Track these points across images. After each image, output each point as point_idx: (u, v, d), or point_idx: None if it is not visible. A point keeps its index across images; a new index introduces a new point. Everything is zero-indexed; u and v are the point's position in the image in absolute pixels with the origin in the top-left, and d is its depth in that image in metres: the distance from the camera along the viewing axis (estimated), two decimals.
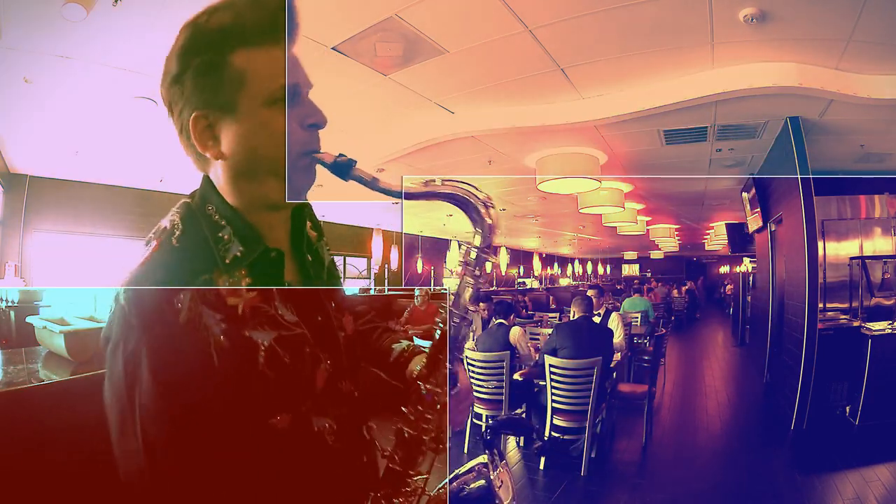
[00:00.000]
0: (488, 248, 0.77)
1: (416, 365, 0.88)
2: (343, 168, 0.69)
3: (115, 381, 0.61)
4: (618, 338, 4.39)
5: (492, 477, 0.85)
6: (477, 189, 0.75)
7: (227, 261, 0.65)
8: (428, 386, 0.78)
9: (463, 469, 0.87)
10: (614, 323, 4.62)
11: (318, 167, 0.71)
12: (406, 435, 0.76)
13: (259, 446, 0.64)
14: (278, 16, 0.63)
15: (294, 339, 0.68)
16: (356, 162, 0.70)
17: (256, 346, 0.64)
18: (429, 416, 0.77)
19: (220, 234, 0.67)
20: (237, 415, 0.61)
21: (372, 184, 0.71)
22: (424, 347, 0.89)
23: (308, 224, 0.82)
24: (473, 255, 0.77)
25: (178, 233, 0.67)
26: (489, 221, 0.75)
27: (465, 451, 3.54)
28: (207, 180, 0.71)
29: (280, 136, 0.65)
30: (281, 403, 0.66)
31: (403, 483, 0.75)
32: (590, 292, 5.29)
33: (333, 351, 0.76)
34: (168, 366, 0.59)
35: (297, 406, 0.67)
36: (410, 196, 0.73)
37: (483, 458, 0.87)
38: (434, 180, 0.74)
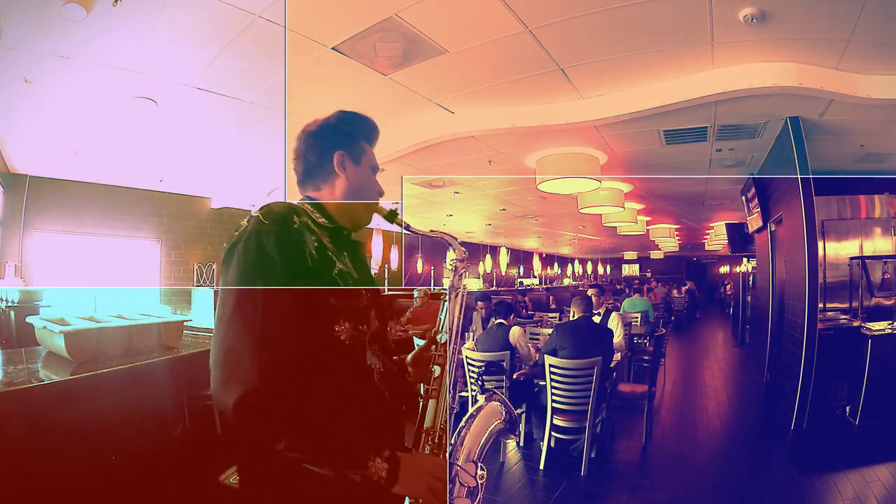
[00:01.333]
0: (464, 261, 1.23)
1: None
2: (392, 217, 1.15)
3: (244, 265, 0.87)
4: (618, 337, 4.39)
5: (507, 402, 1.17)
6: (451, 235, 1.25)
7: (319, 220, 1.03)
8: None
9: (476, 406, 1.18)
10: (614, 323, 4.62)
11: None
12: (436, 369, 1.12)
13: (327, 350, 0.91)
14: (377, 135, 1.19)
15: (356, 281, 1.01)
16: (398, 213, 1.16)
17: (333, 264, 0.97)
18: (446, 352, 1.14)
19: (315, 216, 1.03)
20: (315, 311, 0.90)
21: (406, 228, 1.17)
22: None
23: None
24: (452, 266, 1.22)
25: (291, 204, 1.02)
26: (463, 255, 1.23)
27: None
28: (307, 198, 1.10)
29: (373, 187, 1.16)
30: (344, 311, 0.94)
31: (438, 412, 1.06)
32: (590, 292, 5.29)
33: (381, 314, 1.08)
34: (288, 252, 0.89)
35: (355, 321, 0.96)
36: (415, 233, 1.20)
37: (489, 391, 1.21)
38: (435, 230, 1.24)
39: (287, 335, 0.84)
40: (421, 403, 1.07)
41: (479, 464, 1.03)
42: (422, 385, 1.14)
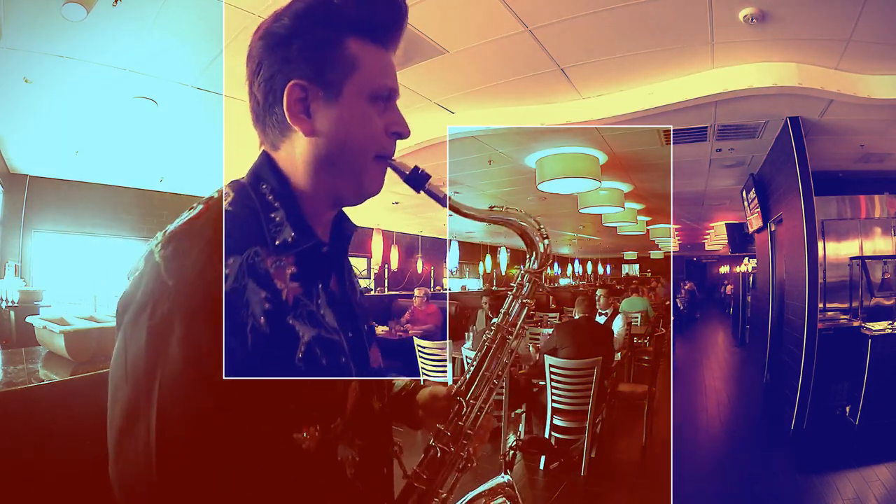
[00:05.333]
0: (540, 275, 0.81)
1: (435, 388, 0.86)
2: (420, 180, 0.70)
3: (133, 355, 0.53)
4: (617, 333, 4.40)
5: (515, 494, 0.84)
6: (535, 219, 0.80)
7: (277, 242, 0.60)
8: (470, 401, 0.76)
9: (484, 488, 0.85)
10: (618, 323, 4.63)
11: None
12: (438, 454, 0.74)
13: (279, 461, 0.58)
14: (393, 21, 0.65)
15: (333, 344, 0.63)
16: (431, 177, 0.71)
17: (297, 338, 0.59)
18: (469, 433, 0.75)
19: (272, 215, 0.62)
20: (264, 416, 0.56)
21: (443, 200, 0.72)
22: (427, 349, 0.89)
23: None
24: (527, 279, 0.81)
25: (230, 198, 0.62)
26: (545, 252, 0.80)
27: None
28: (266, 158, 0.66)
29: (372, 134, 0.65)
30: (311, 414, 0.60)
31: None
32: (599, 292, 5.31)
33: (364, 370, 0.71)
34: (201, 339, 0.52)
35: (326, 422, 0.62)
36: (477, 218, 0.78)
37: (503, 478, 0.85)
38: (500, 207, 0.79)
39: (202, 464, 0.52)
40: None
41: None
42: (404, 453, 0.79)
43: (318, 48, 0.61)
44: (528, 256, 0.79)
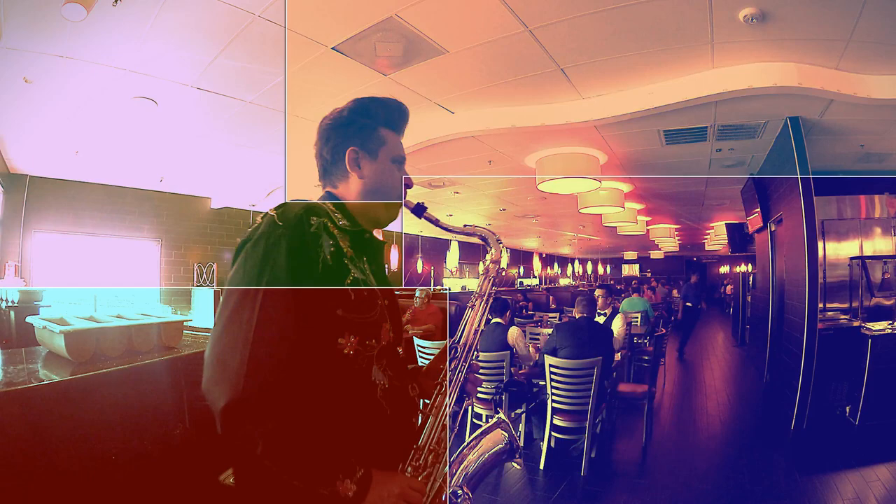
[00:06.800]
0: (498, 262, 1.14)
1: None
2: (420, 211, 1.08)
3: (251, 265, 0.84)
4: (617, 333, 4.40)
5: (511, 430, 1.10)
6: (492, 231, 1.15)
7: (340, 223, 0.96)
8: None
9: (484, 427, 1.13)
10: (618, 322, 4.63)
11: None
12: (442, 388, 1.03)
13: (328, 360, 0.87)
14: (402, 119, 1.11)
15: (373, 291, 0.96)
16: (427, 207, 1.09)
17: (348, 273, 0.93)
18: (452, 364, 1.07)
19: (336, 216, 0.97)
20: (320, 322, 0.86)
21: (436, 223, 1.12)
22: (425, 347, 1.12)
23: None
24: (491, 267, 1.14)
25: (308, 203, 0.96)
26: (499, 247, 1.15)
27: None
28: (328, 194, 1.05)
29: (395, 182, 1.06)
30: (353, 323, 0.90)
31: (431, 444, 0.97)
32: (597, 292, 5.31)
33: (397, 324, 1.03)
34: (296, 260, 0.85)
35: (363, 335, 0.91)
36: (458, 232, 1.16)
37: (499, 416, 1.14)
38: (472, 225, 1.15)
39: (280, 344, 0.81)
40: (421, 419, 1.02)
41: (464, 488, 1.01)
42: (422, 401, 1.09)
43: (364, 129, 1.04)
44: (489, 252, 1.14)
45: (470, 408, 3.60)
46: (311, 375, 0.85)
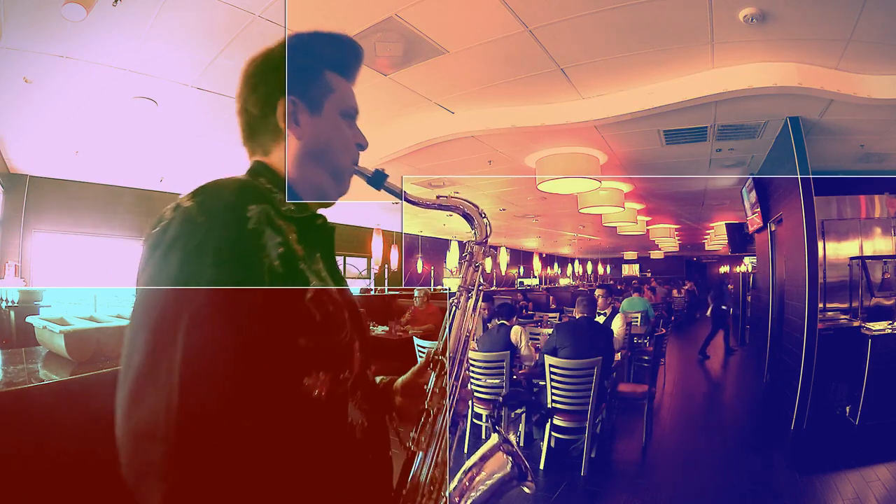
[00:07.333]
0: (485, 242, 0.91)
1: (406, 376, 0.92)
2: (379, 180, 0.82)
3: (161, 290, 0.57)
4: (617, 332, 4.40)
5: (516, 450, 0.89)
6: (474, 204, 0.90)
7: (283, 209, 0.70)
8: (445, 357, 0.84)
9: (484, 449, 0.90)
10: (618, 323, 4.63)
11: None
12: (430, 416, 0.79)
13: (293, 408, 0.62)
14: (355, 61, 0.84)
15: (335, 302, 0.70)
16: (388, 176, 0.83)
17: (306, 281, 0.66)
18: (454, 384, 0.82)
19: (274, 195, 0.71)
20: (278, 352, 0.60)
21: (399, 195, 0.84)
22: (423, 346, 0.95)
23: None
24: (476, 248, 0.91)
25: (238, 176, 0.74)
26: (483, 224, 0.91)
27: (465, 451, 3.54)
28: (258, 163, 0.78)
29: (345, 142, 0.80)
30: (320, 356, 0.65)
31: (429, 475, 0.76)
32: (597, 292, 5.31)
33: (364, 341, 0.77)
34: (229, 270, 0.57)
35: (335, 370, 0.67)
36: (429, 206, 0.89)
37: (494, 438, 0.91)
38: (445, 196, 0.89)
39: (223, 403, 0.54)
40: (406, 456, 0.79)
41: None
42: (409, 418, 0.86)
43: (305, 73, 0.76)
44: (473, 232, 0.91)
45: (469, 410, 3.60)
46: (272, 440, 0.59)
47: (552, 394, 3.27)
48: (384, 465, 0.77)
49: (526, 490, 0.88)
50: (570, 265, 21.35)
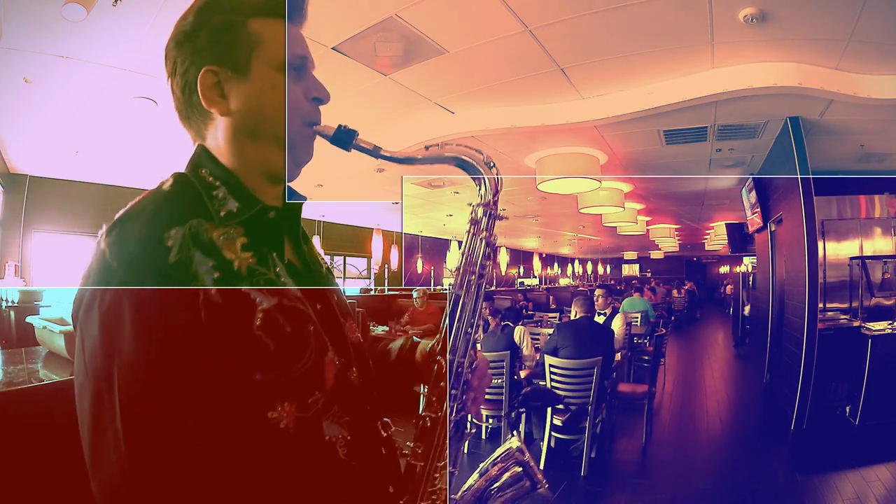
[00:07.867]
0: (495, 204, 0.74)
1: (428, 345, 0.83)
2: (345, 138, 0.68)
3: (90, 351, 0.52)
4: (618, 332, 4.41)
5: (527, 459, 0.80)
6: (478, 150, 0.73)
7: (223, 213, 0.60)
8: (446, 359, 0.73)
9: (494, 456, 0.82)
10: (618, 322, 4.63)
11: (317, 148, 0.70)
12: (428, 423, 0.70)
13: (259, 445, 0.55)
14: None
15: (297, 312, 0.60)
16: (357, 133, 0.69)
17: (253, 306, 0.56)
18: (453, 392, 0.72)
19: (215, 192, 0.62)
20: (232, 392, 0.53)
21: (374, 152, 0.70)
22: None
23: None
24: (480, 212, 0.75)
25: (170, 182, 0.64)
26: (493, 177, 0.74)
27: (466, 450, 3.54)
28: (199, 149, 0.67)
29: (287, 101, 0.64)
30: (281, 387, 0.57)
31: (429, 481, 0.69)
32: (597, 292, 5.31)
33: (340, 342, 0.68)
34: (152, 319, 0.50)
35: (302, 396, 0.59)
36: (414, 161, 0.73)
37: (513, 443, 0.82)
38: (436, 145, 0.72)
39: (178, 457, 0.50)
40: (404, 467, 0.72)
41: None
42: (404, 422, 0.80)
43: (221, 34, 0.63)
44: (477, 189, 0.74)
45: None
46: (242, 481, 0.55)
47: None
48: (378, 472, 0.69)
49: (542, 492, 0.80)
50: (570, 265, 21.35)
